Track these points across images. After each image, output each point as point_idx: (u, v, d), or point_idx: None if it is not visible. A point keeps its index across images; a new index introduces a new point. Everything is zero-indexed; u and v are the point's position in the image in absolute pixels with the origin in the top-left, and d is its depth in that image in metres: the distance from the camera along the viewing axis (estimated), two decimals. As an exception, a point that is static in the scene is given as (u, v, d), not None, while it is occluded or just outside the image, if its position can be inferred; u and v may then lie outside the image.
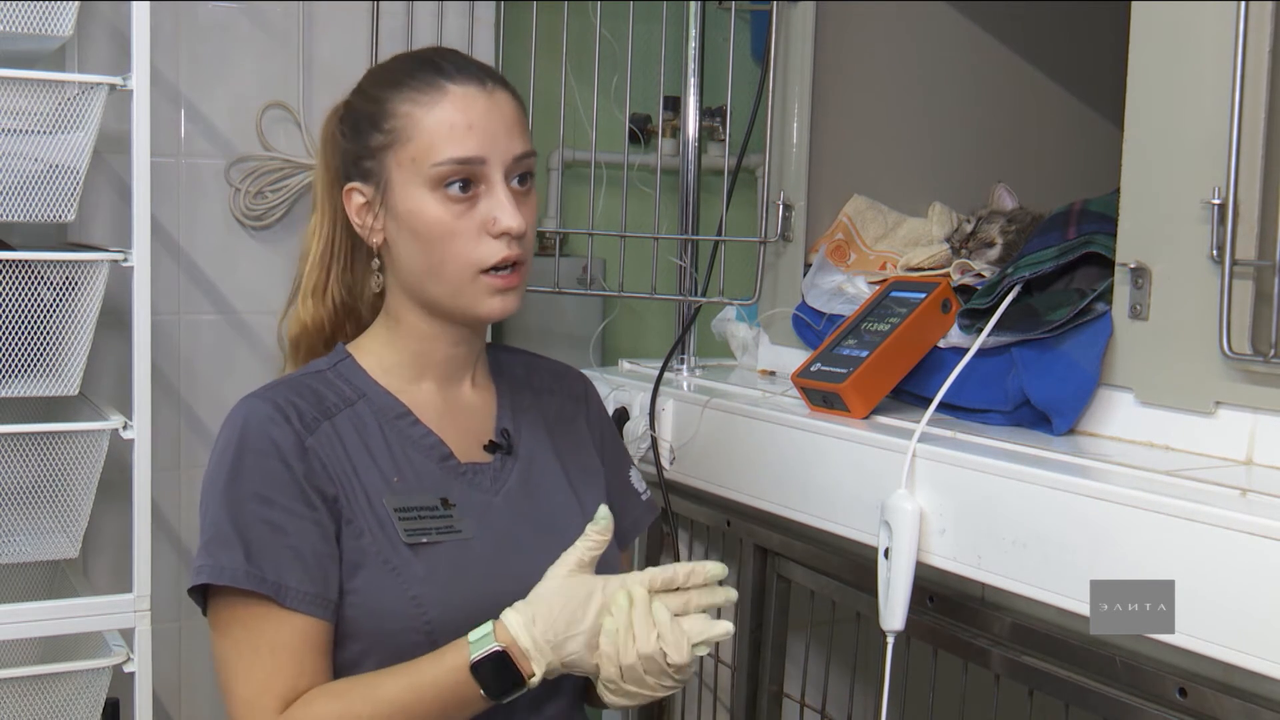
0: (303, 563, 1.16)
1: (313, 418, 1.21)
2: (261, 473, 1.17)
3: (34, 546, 1.66)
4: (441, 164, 1.20)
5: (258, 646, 1.14)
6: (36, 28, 1.58)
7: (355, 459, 1.22)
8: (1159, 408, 1.21)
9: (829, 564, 1.50)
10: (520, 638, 1.11)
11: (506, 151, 1.22)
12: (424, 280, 1.23)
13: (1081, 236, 1.33)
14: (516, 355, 1.42)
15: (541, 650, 1.11)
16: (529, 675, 1.11)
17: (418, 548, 1.19)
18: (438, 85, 1.22)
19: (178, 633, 2.04)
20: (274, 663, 1.14)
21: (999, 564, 1.16)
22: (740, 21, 2.11)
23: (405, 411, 1.26)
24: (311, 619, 1.15)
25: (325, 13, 2.09)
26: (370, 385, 1.27)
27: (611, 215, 1.92)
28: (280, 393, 1.22)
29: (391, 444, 1.24)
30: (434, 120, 1.21)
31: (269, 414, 1.19)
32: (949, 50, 1.86)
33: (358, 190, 1.26)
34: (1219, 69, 1.14)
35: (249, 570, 1.14)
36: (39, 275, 1.60)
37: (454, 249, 1.21)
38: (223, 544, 1.15)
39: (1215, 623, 0.98)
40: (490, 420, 1.33)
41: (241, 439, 1.19)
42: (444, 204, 1.21)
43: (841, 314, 1.56)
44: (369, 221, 1.26)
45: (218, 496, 1.18)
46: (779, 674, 1.65)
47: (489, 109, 1.22)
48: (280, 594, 1.14)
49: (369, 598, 1.17)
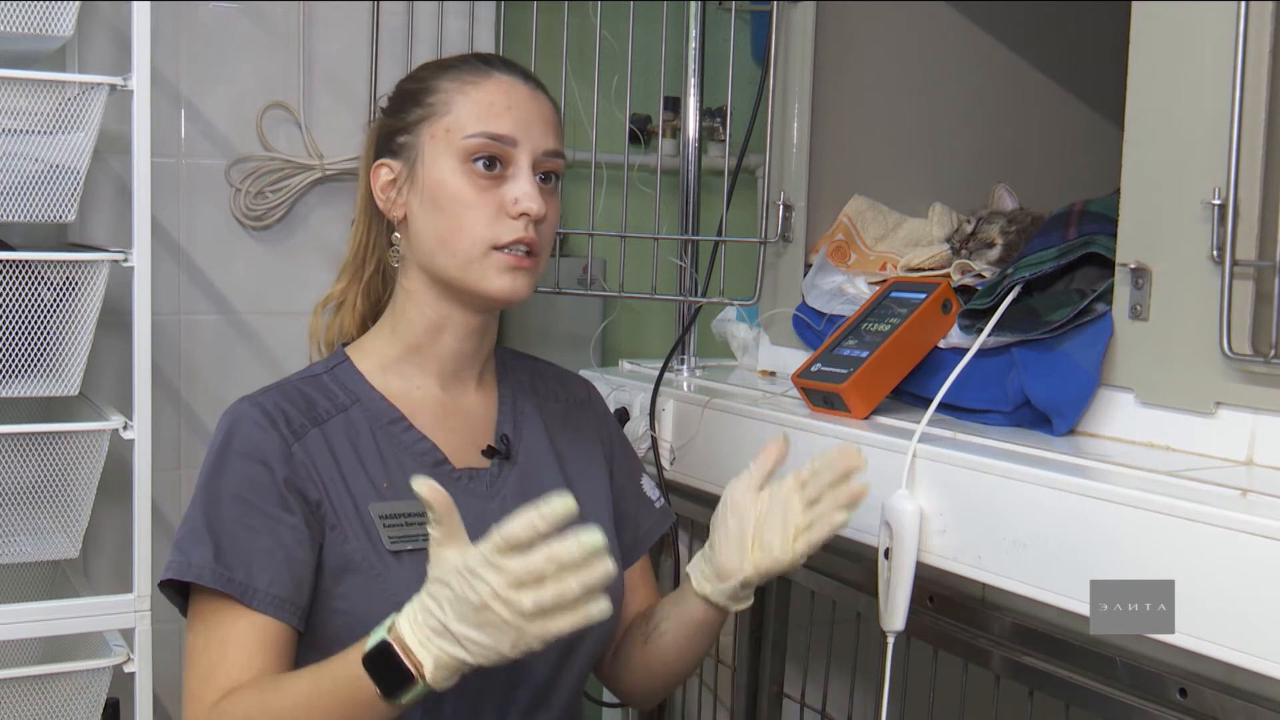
0: (273, 565, 1.16)
1: (301, 424, 1.22)
2: (242, 475, 1.18)
3: (34, 546, 1.66)
4: (473, 135, 1.23)
5: (209, 641, 1.16)
6: (37, 28, 1.58)
7: (344, 465, 1.22)
8: (1159, 408, 1.21)
9: (829, 564, 1.50)
10: (402, 628, 1.03)
11: (539, 142, 1.25)
12: (436, 251, 1.24)
13: (1082, 237, 1.33)
14: (522, 360, 1.42)
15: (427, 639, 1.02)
16: (420, 668, 1.02)
17: (402, 554, 1.19)
18: (484, 71, 1.26)
19: (178, 633, 2.02)
20: (220, 655, 1.15)
21: (999, 564, 1.16)
22: (740, 22, 2.11)
23: (399, 417, 1.27)
24: (272, 620, 1.16)
25: (325, 13, 2.09)
26: (365, 390, 1.27)
27: (612, 215, 1.92)
28: (271, 398, 1.24)
29: (384, 450, 1.24)
30: (475, 97, 1.24)
31: (255, 418, 1.21)
32: (949, 50, 1.86)
33: (386, 166, 1.28)
34: (1219, 69, 1.14)
35: (216, 569, 1.15)
36: (39, 275, 1.60)
37: (470, 220, 1.22)
38: (195, 541, 1.17)
39: (1215, 623, 0.98)
40: (490, 425, 1.33)
41: (226, 441, 1.20)
42: (469, 177, 1.23)
43: (842, 314, 1.56)
44: (392, 196, 1.28)
45: (198, 495, 1.20)
46: (779, 674, 1.65)
47: (529, 99, 1.26)
48: (245, 594, 1.15)
49: (354, 604, 1.18)
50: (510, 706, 1.25)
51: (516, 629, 0.99)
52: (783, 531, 1.20)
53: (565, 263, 2.22)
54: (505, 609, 0.99)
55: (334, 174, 2.09)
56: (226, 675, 1.14)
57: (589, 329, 2.29)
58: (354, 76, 2.09)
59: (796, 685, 1.64)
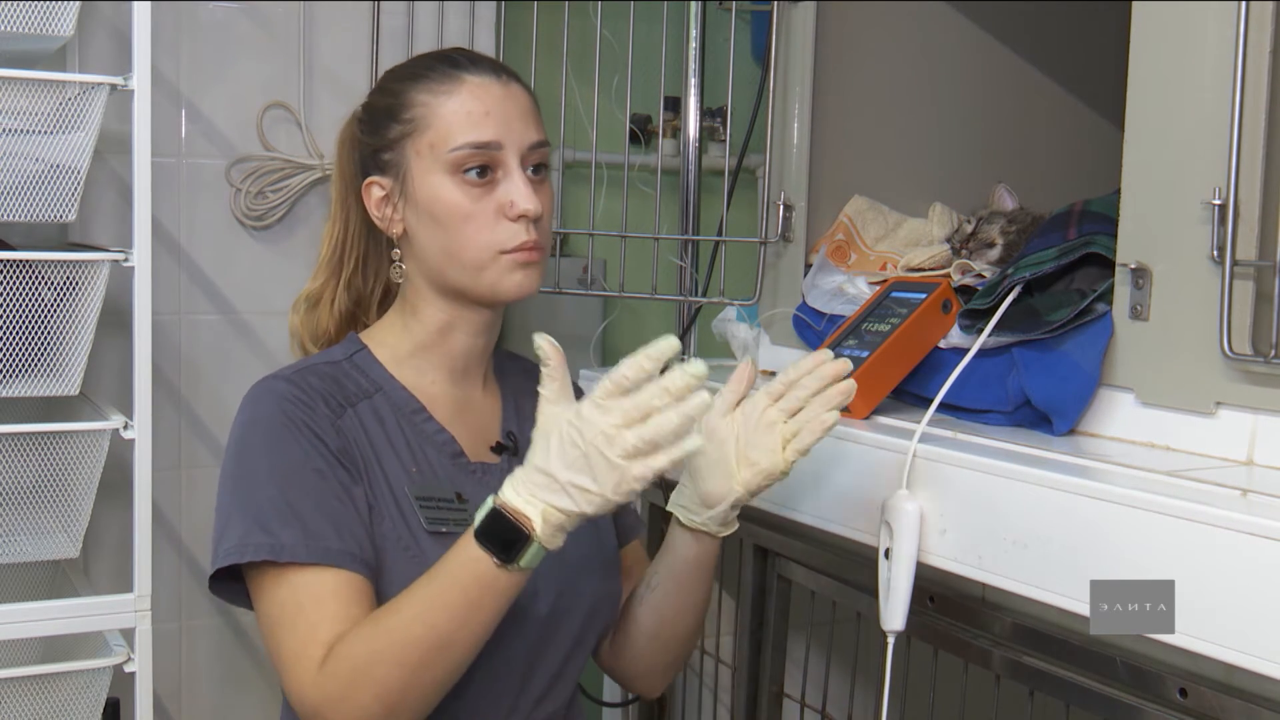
0: (356, 531, 1.16)
1: (338, 403, 1.23)
2: (304, 446, 1.18)
3: (34, 546, 1.66)
4: (459, 148, 1.22)
5: (301, 603, 1.14)
6: (37, 28, 1.58)
7: (378, 447, 1.23)
8: (1159, 408, 1.21)
9: (829, 564, 1.50)
10: (506, 493, 1.07)
11: (522, 138, 1.25)
12: (445, 265, 1.25)
13: (1082, 237, 1.33)
14: (516, 361, 1.44)
15: (532, 495, 1.05)
16: (528, 524, 1.05)
17: (437, 536, 1.20)
18: (454, 76, 1.25)
19: (178, 633, 2.04)
20: (319, 613, 1.13)
21: (999, 564, 1.16)
22: (741, 22, 2.11)
23: (420, 407, 1.28)
24: (357, 575, 1.15)
25: (325, 13, 2.09)
26: (386, 379, 1.28)
27: (612, 215, 1.92)
28: (303, 377, 1.24)
29: (409, 437, 1.26)
30: (451, 108, 1.24)
31: (295, 395, 1.21)
32: (949, 50, 1.86)
33: (376, 184, 1.28)
34: (1219, 69, 1.14)
35: (308, 544, 1.14)
36: (40, 275, 1.60)
37: (472, 231, 1.23)
38: (279, 518, 1.15)
39: (1216, 623, 0.98)
40: (496, 422, 1.34)
41: (267, 416, 1.19)
42: (462, 188, 1.23)
43: (842, 314, 1.56)
44: (388, 213, 1.28)
45: (260, 473, 1.17)
46: (779, 674, 1.65)
47: (504, 97, 1.26)
48: (340, 559, 1.14)
49: (389, 584, 1.18)
50: (522, 697, 1.26)
51: (620, 469, 1.01)
52: (769, 445, 1.21)
53: (565, 263, 2.22)
54: (611, 448, 1.01)
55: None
56: (329, 630, 1.12)
57: (589, 329, 2.29)
58: (354, 76, 2.09)
59: (796, 685, 1.64)
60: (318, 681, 1.10)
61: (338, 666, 1.09)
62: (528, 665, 1.25)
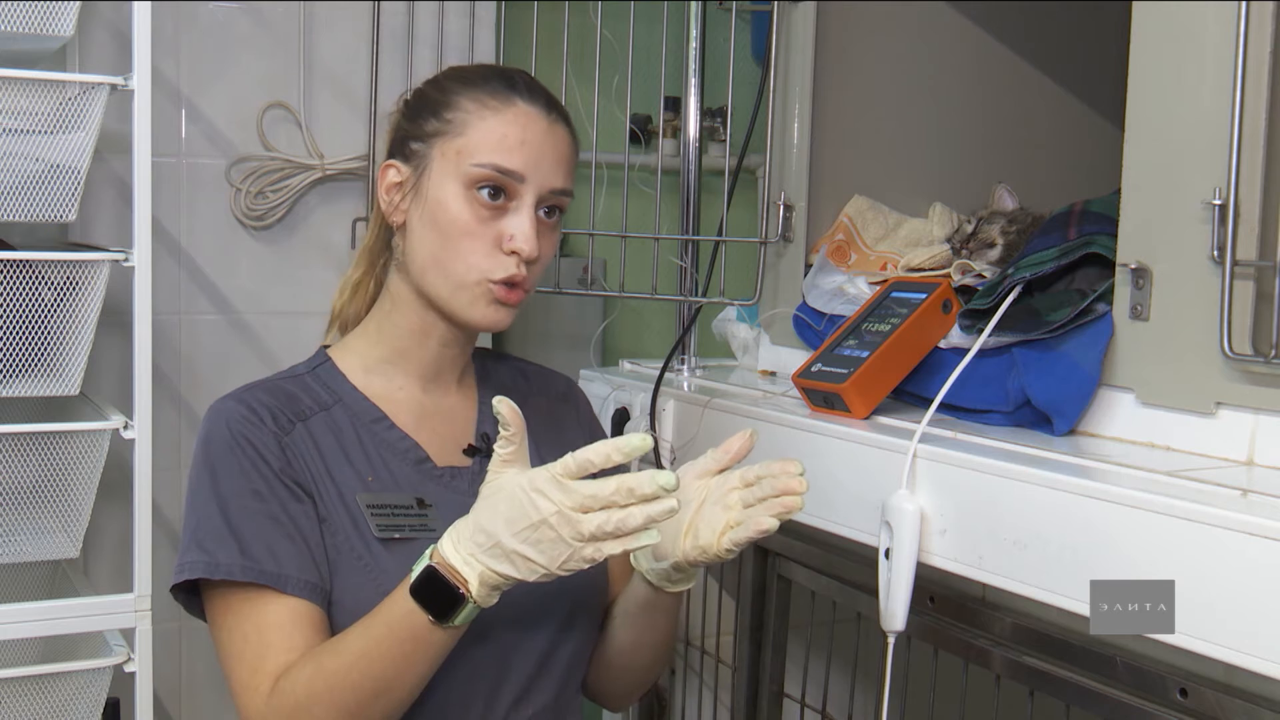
0: (297, 552, 1.17)
1: (286, 420, 1.23)
2: (246, 468, 1.19)
3: (34, 546, 1.66)
4: (482, 165, 1.22)
5: (247, 632, 1.16)
6: (37, 28, 1.58)
7: (329, 459, 1.23)
8: (1160, 408, 1.21)
9: (829, 564, 1.50)
10: (444, 548, 1.09)
11: (547, 180, 1.25)
12: (428, 269, 1.25)
13: (1082, 237, 1.33)
14: (504, 362, 1.44)
15: (472, 555, 1.07)
16: (465, 586, 1.07)
17: (390, 543, 1.20)
18: (507, 97, 1.25)
19: (178, 632, 2.04)
20: (263, 643, 1.15)
21: (999, 564, 1.16)
22: (741, 22, 2.11)
23: (381, 416, 1.28)
24: (304, 602, 1.16)
25: (325, 13, 2.09)
26: (347, 389, 1.28)
27: (612, 215, 1.92)
28: (253, 394, 1.25)
29: (367, 447, 1.26)
30: (491, 124, 1.24)
31: (244, 414, 1.22)
32: (949, 50, 1.86)
33: (395, 168, 1.28)
34: (1219, 69, 1.14)
35: (244, 564, 1.16)
36: (40, 275, 1.60)
37: (465, 249, 1.23)
38: (217, 539, 1.17)
39: (1216, 623, 0.98)
40: (471, 424, 1.34)
41: (219, 437, 1.20)
42: (471, 204, 1.23)
43: (842, 314, 1.56)
44: (396, 200, 1.28)
45: (204, 493, 1.19)
46: (779, 674, 1.65)
47: (546, 133, 1.26)
48: (279, 582, 1.16)
49: (344, 595, 1.19)
50: (495, 700, 1.25)
51: (572, 549, 1.04)
52: (716, 525, 1.21)
53: (565, 263, 2.22)
54: (566, 528, 1.03)
55: (334, 174, 2.09)
56: (274, 661, 1.14)
57: (589, 329, 2.29)
58: (354, 76, 2.09)
59: (796, 685, 1.64)
60: (264, 714, 1.13)
61: (281, 701, 1.13)
62: (499, 667, 1.25)
